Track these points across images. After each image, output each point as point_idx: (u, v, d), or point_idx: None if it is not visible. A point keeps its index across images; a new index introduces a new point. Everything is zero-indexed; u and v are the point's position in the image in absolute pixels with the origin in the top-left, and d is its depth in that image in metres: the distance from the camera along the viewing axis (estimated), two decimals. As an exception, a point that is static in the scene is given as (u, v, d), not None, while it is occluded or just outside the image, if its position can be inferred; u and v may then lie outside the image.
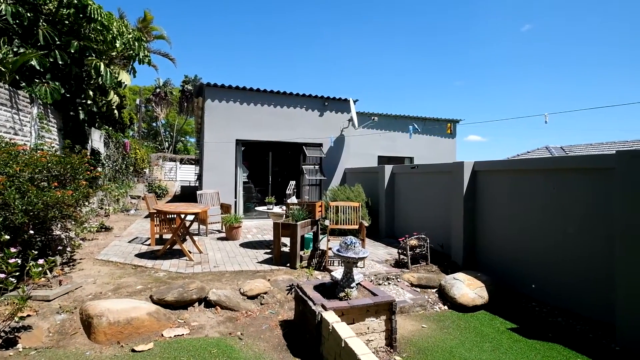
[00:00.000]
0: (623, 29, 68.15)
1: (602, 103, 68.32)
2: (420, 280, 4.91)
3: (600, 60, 71.80)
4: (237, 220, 6.97)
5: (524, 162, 4.93)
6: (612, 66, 70.69)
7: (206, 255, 5.61)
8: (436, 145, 13.56)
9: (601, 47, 67.92)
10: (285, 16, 71.24)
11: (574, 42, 73.10)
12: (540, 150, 21.80)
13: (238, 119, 9.45)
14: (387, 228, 7.77)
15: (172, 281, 4.26)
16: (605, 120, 68.89)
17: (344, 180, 10.31)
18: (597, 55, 71.12)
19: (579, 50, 74.05)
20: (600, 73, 74.08)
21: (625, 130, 65.78)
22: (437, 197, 6.32)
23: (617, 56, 70.29)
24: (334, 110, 10.50)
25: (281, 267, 5.08)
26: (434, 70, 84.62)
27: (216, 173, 9.14)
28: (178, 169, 24.20)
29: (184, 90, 30.68)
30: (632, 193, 3.29)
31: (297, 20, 73.60)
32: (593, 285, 3.79)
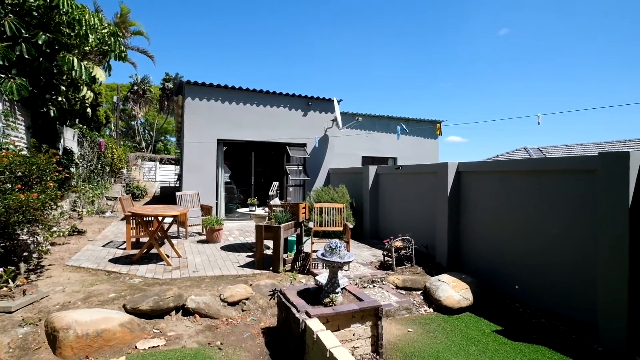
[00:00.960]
0: (599, 34, 71.04)
1: (578, 106, 70.97)
2: (405, 282, 4.86)
3: (576, 64, 74.48)
4: (218, 222, 6.76)
5: (508, 163, 4.95)
6: (589, 69, 73.56)
7: (185, 260, 5.39)
8: (419, 145, 13.66)
9: (578, 50, 70.49)
10: (269, 16, 70.61)
11: (551, 46, 75.65)
12: (518, 151, 22.33)
13: (220, 118, 9.21)
14: (372, 229, 7.71)
15: (148, 288, 4.04)
16: (579, 122, 71.54)
17: (328, 180, 10.22)
18: (573, 59, 73.76)
19: (555, 53, 76.62)
20: (577, 77, 76.91)
21: (599, 131, 68.47)
22: (421, 198, 6.30)
23: (592, 61, 73.21)
24: (317, 110, 10.39)
25: (264, 271, 4.92)
26: (417, 72, 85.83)
27: (197, 174, 8.88)
28: (158, 169, 23.55)
29: (164, 88, 29.92)
30: (614, 194, 3.32)
31: (280, 20, 73.07)
32: (576, 287, 3.81)
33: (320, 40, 76.25)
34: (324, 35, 74.13)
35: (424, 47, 79.43)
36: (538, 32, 74.37)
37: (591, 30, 67.87)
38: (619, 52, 72.01)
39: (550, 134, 71.07)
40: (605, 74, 71.84)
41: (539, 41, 77.82)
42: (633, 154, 3.23)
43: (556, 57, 75.94)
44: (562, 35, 70.93)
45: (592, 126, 61.58)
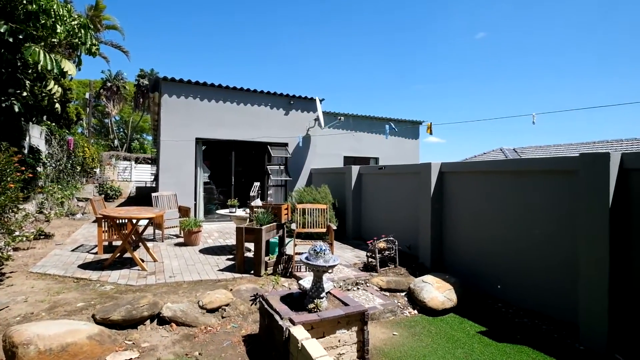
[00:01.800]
0: (572, 35, 74.13)
1: (552, 108, 73.97)
2: (390, 284, 4.80)
3: (550, 67, 77.39)
4: (196, 224, 6.52)
5: (490, 163, 4.98)
6: (563, 72, 76.64)
7: (161, 264, 5.14)
8: (400, 146, 13.75)
9: (553, 53, 73.22)
10: (248, 16, 69.47)
11: (524, 50, 78.30)
12: (495, 151, 22.90)
13: (198, 116, 8.92)
14: (354, 230, 7.65)
15: (120, 296, 3.80)
16: (551, 123, 74.49)
17: (310, 181, 10.10)
18: (547, 62, 76.54)
19: (529, 56, 79.36)
20: (551, 80, 79.94)
21: (571, 133, 71.46)
22: (404, 198, 6.28)
23: (566, 63, 76.36)
24: (299, 109, 10.25)
25: (245, 274, 4.75)
26: (395, 73, 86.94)
27: (174, 173, 8.56)
28: (133, 169, 22.75)
29: (139, 85, 28.92)
30: (595, 195, 3.36)
31: (260, 20, 72.09)
32: (557, 287, 3.85)
33: (298, 40, 75.84)
34: (302, 36, 73.77)
35: (400, 50, 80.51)
36: (513, 35, 76.78)
37: (567, 30, 70.84)
38: (593, 55, 75.38)
39: (524, 135, 73.67)
40: (580, 77, 75.05)
41: (514, 44, 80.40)
42: (613, 154, 3.28)
43: (531, 60, 78.63)
44: (536, 39, 73.59)
45: (565, 127, 64.21)
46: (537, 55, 75.73)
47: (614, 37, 67.41)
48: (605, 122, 63.35)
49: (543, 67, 75.45)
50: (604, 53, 70.90)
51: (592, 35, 71.94)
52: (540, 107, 73.13)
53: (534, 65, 78.09)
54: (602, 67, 71.74)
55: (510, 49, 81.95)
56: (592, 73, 75.64)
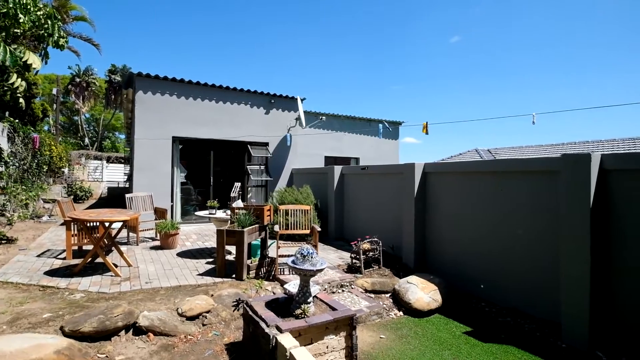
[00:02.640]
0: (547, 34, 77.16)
1: (521, 109, 76.98)
2: (375, 285, 4.75)
3: (523, 68, 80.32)
4: (173, 226, 6.25)
5: (473, 164, 5.03)
6: (535, 75, 79.62)
7: (136, 269, 4.88)
8: (381, 146, 13.82)
9: (526, 54, 75.98)
10: (227, 15, 68.08)
11: (499, 52, 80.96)
12: (470, 152, 23.50)
13: (175, 114, 8.59)
14: (337, 230, 7.58)
15: (92, 304, 3.55)
16: (524, 125, 77.46)
17: (291, 181, 9.96)
18: (521, 64, 79.39)
19: (504, 59, 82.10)
20: (525, 81, 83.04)
21: (543, 133, 74.52)
22: (387, 198, 6.26)
23: (539, 64, 79.41)
24: (280, 108, 10.09)
25: (226, 279, 4.57)
26: (375, 73, 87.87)
27: (149, 173, 8.20)
28: (105, 169, 21.80)
29: (111, 81, 27.75)
30: (576, 195, 3.42)
31: (239, 20, 70.81)
32: (539, 285, 3.90)
33: (280, 40, 75.14)
34: (283, 35, 73.13)
35: (378, 53, 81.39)
36: (486, 39, 79.33)
37: (537, 34, 73.78)
38: (562, 59, 78.83)
39: (497, 136, 76.31)
40: (552, 80, 78.35)
41: (487, 48, 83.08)
42: (594, 155, 3.35)
43: (503, 63, 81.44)
44: (509, 43, 76.32)
45: (535, 129, 66.84)
46: (509, 58, 78.44)
47: (585, 39, 70.87)
48: (577, 123, 66.50)
49: (514, 69, 78.23)
50: (576, 55, 74.37)
51: (565, 38, 75.39)
52: (512, 109, 75.86)
53: (505, 67, 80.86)
54: (574, 69, 75.20)
55: (482, 52, 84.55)
56: (566, 74, 79.15)
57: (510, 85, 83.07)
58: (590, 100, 68.80)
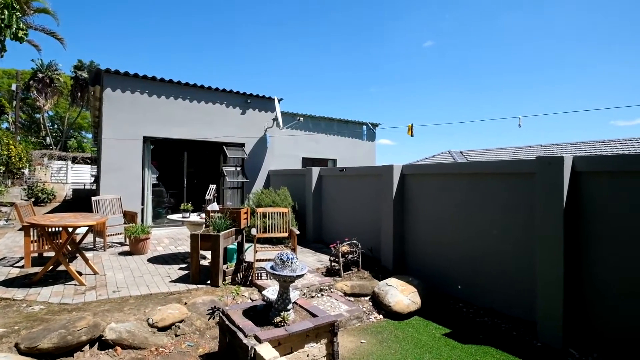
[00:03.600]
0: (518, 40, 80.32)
1: (495, 112, 79.93)
2: (354, 288, 4.70)
3: (493, 72, 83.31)
4: (144, 230, 5.95)
5: (450, 166, 5.08)
6: (506, 78, 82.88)
7: (103, 277, 4.59)
8: (357, 147, 13.86)
9: (497, 58, 78.82)
10: (203, 17, 66.28)
11: (470, 56, 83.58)
12: (443, 154, 24.10)
13: (146, 113, 8.22)
14: (315, 233, 7.50)
15: (52, 317, 3.28)
16: (497, 127, 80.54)
17: (268, 183, 9.79)
18: (491, 68, 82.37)
19: (475, 62, 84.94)
20: (494, 86, 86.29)
21: (510, 136, 77.66)
22: (366, 200, 6.25)
23: (506, 71, 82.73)
24: (257, 108, 9.89)
25: (200, 285, 4.38)
26: (352, 76, 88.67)
27: (118, 175, 7.80)
28: (70, 170, 20.67)
29: (77, 78, 26.36)
30: (550, 196, 3.50)
31: (215, 21, 69.16)
32: (515, 285, 3.98)
33: (255, 41, 74.05)
34: (258, 36, 72.11)
35: (355, 56, 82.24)
36: (459, 43, 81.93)
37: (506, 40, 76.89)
38: (530, 66, 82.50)
39: (468, 138, 79.02)
40: (520, 83, 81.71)
41: (459, 52, 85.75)
42: (566, 158, 3.44)
43: (475, 67, 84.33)
44: (480, 48, 79.18)
45: (502, 131, 69.60)
46: (480, 62, 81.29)
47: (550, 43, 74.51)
48: (545, 126, 69.77)
49: (484, 73, 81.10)
50: (542, 59, 78.01)
51: (529, 43, 79.06)
52: (483, 112, 78.85)
53: (477, 71, 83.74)
54: (540, 74, 78.81)
55: (454, 56, 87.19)
56: (532, 79, 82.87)
57: (481, 88, 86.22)
58: (559, 103, 72.44)
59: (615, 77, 71.95)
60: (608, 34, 63.27)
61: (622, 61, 62.45)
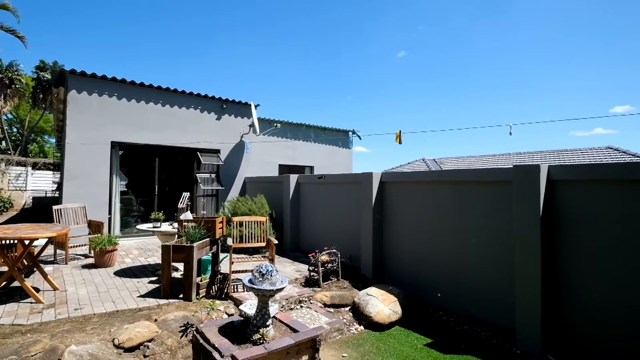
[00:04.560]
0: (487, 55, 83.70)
1: (464, 119, 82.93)
2: (334, 299, 4.59)
3: (463, 81, 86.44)
4: (111, 241, 5.60)
5: (430, 174, 5.11)
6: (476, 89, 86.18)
7: (64, 293, 4.24)
8: (334, 155, 13.86)
9: (466, 68, 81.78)
10: (175, 22, 64.54)
11: (441, 66, 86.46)
12: (418, 161, 24.60)
13: (115, 117, 7.83)
14: (292, 242, 7.34)
15: (2, 341, 2.96)
16: (466, 136, 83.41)
17: (244, 190, 9.55)
18: (461, 78, 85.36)
19: (446, 72, 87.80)
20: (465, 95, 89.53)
21: (479, 145, 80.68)
22: (345, 208, 6.18)
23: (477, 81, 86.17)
24: (233, 114, 9.68)
25: (172, 300, 4.13)
26: (328, 83, 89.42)
27: (83, 182, 7.35)
28: (30, 176, 19.40)
29: (39, 79, 24.98)
30: (527, 204, 3.55)
31: (187, 26, 67.50)
32: (494, 293, 4.00)
33: (228, 47, 72.96)
34: (232, 44, 71.06)
35: (330, 64, 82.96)
36: (430, 55, 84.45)
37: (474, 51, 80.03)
38: (500, 78, 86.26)
39: (439, 145, 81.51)
40: (489, 95, 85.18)
41: (431, 63, 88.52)
42: (542, 167, 3.51)
43: (445, 78, 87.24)
44: (450, 57, 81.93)
45: (471, 140, 72.30)
46: (451, 72, 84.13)
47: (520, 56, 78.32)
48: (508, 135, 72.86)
49: (456, 82, 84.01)
50: (511, 71, 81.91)
51: (499, 54, 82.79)
52: (455, 120, 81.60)
53: (450, 81, 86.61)
54: (512, 84, 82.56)
55: (426, 66, 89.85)
56: (503, 88, 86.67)
57: (452, 98, 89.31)
58: (523, 114, 76.12)
59: (573, 91, 76.68)
60: (570, 49, 67.49)
61: (577, 78, 66.68)
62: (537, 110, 75.79)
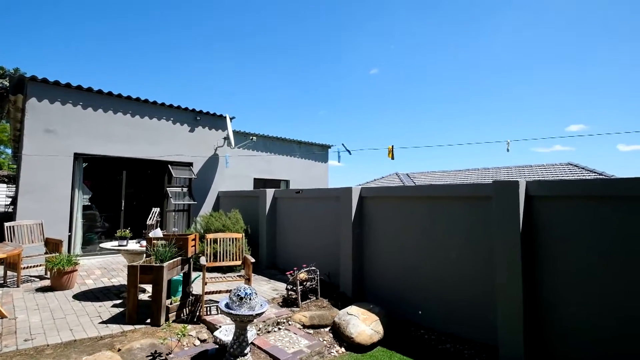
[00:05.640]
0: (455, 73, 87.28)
1: (435, 135, 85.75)
2: (313, 319, 4.40)
3: (432, 98, 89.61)
4: (70, 261, 5.15)
5: (409, 189, 5.09)
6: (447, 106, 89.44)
7: (13, 321, 3.80)
8: (310, 169, 13.78)
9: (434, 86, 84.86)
10: (144, 37, 62.90)
11: (412, 83, 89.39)
12: (391, 176, 25.00)
13: (79, 127, 7.38)
14: (268, 259, 7.10)
15: None
16: (435, 151, 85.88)
17: (218, 205, 9.22)
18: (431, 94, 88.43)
19: (414, 90, 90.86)
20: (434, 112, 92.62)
21: (446, 160, 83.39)
22: (323, 223, 6.05)
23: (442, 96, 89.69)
24: (207, 126, 9.40)
25: (139, 325, 3.80)
26: (302, 98, 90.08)
27: (41, 196, 6.81)
28: (-20, 189, 17.95)
29: (-4, 86, 23.50)
30: (507, 220, 3.58)
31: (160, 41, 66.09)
32: (476, 310, 3.97)
33: (198, 60, 72.02)
34: (203, 55, 70.08)
35: (304, 80, 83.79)
36: (401, 72, 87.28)
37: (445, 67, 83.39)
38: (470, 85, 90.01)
39: (412, 161, 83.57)
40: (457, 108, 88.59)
41: (402, 80, 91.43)
42: (521, 182, 3.55)
43: (415, 93, 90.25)
44: (419, 75, 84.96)
45: (443, 155, 74.59)
46: (420, 89, 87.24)
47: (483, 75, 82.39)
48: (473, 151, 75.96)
49: (425, 98, 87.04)
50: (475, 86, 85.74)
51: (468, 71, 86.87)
52: (426, 136, 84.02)
53: (418, 96, 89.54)
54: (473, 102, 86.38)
55: (398, 82, 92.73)
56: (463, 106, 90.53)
57: (421, 114, 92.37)
58: (486, 131, 79.66)
59: (533, 110, 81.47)
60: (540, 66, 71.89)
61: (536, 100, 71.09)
62: (501, 126, 79.80)
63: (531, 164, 19.65)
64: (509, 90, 76.44)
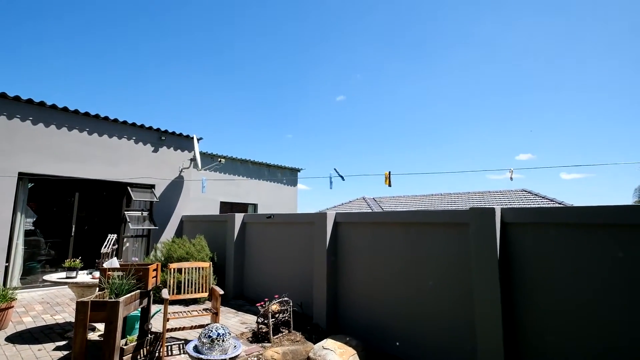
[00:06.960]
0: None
1: (400, 162, 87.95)
2: (286, 356, 4.07)
3: (396, 128, 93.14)
4: (5, 296, 4.49)
5: (385, 215, 5.02)
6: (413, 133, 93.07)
7: None
8: (279, 192, 13.53)
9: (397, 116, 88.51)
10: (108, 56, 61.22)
11: (376, 111, 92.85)
12: (359, 200, 25.22)
13: (25, 143, 6.73)
14: (236, 288, 6.67)
15: None
16: (400, 177, 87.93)
17: (181, 230, 8.67)
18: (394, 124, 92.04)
19: (379, 118, 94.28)
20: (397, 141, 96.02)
21: (411, 186, 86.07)
22: (295, 250, 5.80)
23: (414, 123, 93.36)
24: (172, 146, 8.96)
25: (86, 372, 3.28)
26: (269, 122, 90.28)
27: (-26, 221, 6.02)
28: None
29: None
30: (484, 247, 3.56)
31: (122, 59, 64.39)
32: (456, 338, 3.85)
33: (164, 79, 70.75)
34: (168, 75, 69.09)
35: (272, 105, 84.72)
36: (365, 100, 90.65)
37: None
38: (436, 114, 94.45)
39: (375, 186, 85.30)
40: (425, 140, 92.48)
41: (367, 105, 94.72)
42: (497, 209, 3.58)
43: (381, 120, 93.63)
44: (384, 104, 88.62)
45: (406, 181, 76.82)
46: (385, 117, 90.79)
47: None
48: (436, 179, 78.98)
49: (392, 126, 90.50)
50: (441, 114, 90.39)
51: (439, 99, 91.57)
52: (390, 162, 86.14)
53: (385, 124, 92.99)
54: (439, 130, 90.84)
55: (363, 110, 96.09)
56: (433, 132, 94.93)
57: (388, 140, 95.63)
58: (445, 160, 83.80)
59: (485, 141, 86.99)
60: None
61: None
62: (458, 154, 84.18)
63: (489, 189, 20.68)
64: (466, 122, 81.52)
